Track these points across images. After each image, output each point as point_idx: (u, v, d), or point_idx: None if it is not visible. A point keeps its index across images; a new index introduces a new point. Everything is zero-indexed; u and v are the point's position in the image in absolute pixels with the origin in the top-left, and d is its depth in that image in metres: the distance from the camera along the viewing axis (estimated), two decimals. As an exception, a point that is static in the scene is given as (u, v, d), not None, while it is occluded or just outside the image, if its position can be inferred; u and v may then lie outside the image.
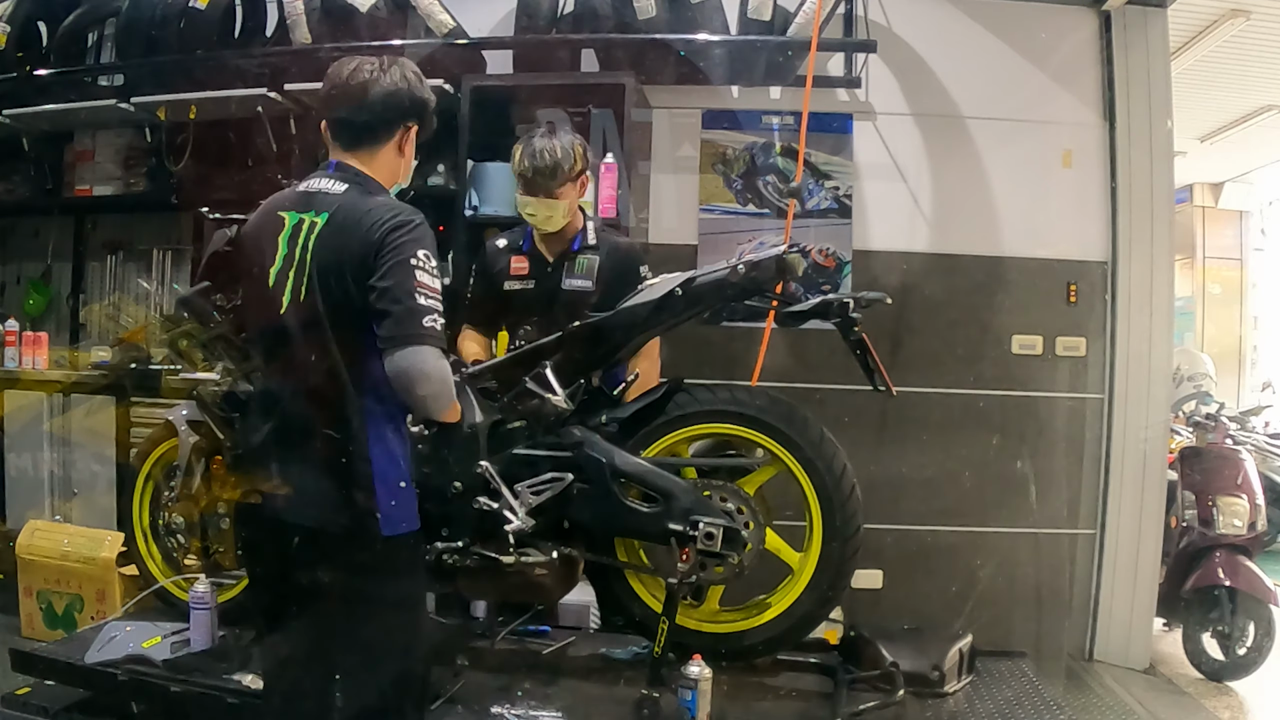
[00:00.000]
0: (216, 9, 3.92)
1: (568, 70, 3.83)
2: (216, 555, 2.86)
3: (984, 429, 3.83)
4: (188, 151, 4.18)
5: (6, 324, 4.29)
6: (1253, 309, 8.63)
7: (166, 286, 4.40)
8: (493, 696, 2.37)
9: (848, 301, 2.29)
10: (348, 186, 1.88)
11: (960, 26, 3.90)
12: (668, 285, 2.40)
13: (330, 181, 1.90)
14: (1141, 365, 3.84)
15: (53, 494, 4.19)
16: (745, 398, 2.46)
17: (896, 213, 3.92)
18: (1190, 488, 4.14)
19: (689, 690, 2.21)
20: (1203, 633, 3.94)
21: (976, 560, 3.81)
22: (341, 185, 1.88)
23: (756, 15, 3.67)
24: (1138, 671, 3.80)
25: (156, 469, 2.95)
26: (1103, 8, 3.87)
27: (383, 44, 3.74)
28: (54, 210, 4.59)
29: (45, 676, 2.66)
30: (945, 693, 2.49)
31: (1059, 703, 2.52)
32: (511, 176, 3.75)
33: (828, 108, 3.88)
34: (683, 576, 2.33)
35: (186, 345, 2.75)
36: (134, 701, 2.61)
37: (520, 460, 2.42)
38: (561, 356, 2.44)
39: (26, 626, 3.72)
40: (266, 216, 1.93)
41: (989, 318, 3.86)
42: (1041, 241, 3.88)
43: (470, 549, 2.39)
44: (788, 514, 2.49)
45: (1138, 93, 3.85)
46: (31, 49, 4.25)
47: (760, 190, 3.97)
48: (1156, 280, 3.86)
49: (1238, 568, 3.92)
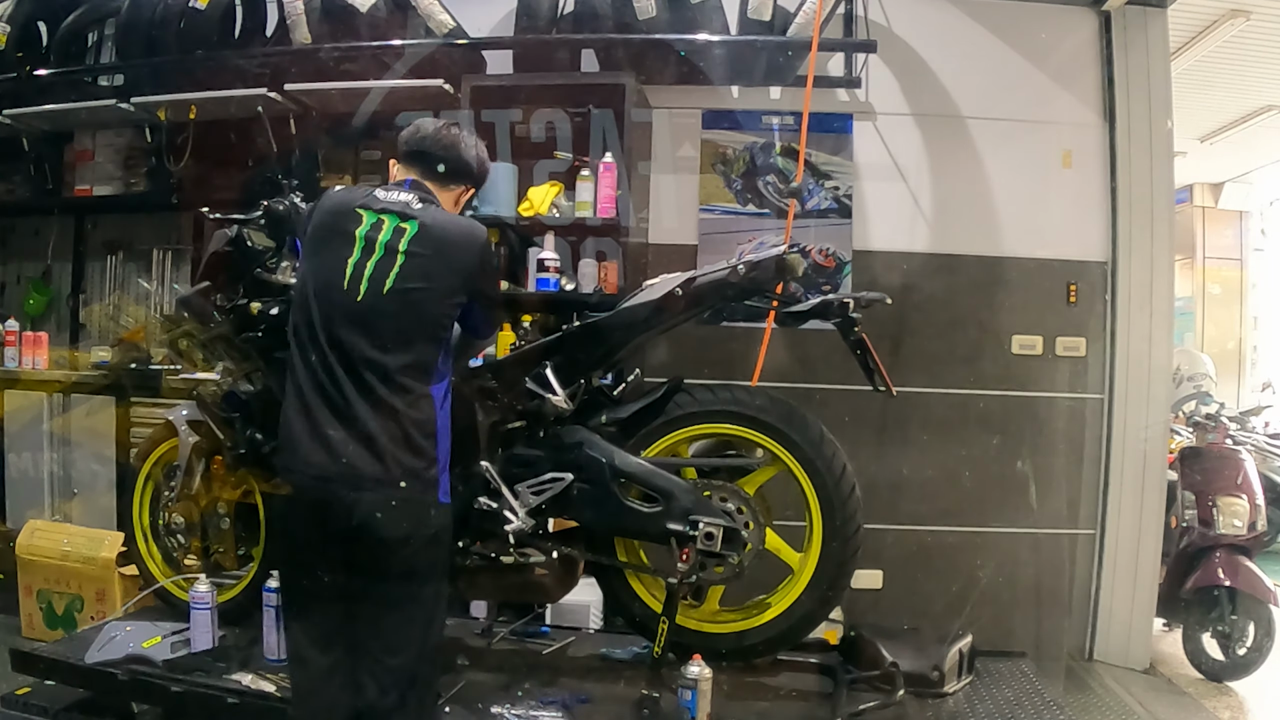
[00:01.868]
0: (216, 9, 3.92)
1: (568, 70, 3.83)
2: (216, 555, 2.86)
3: (984, 429, 3.84)
4: (188, 151, 4.18)
5: (6, 324, 4.30)
6: (1253, 309, 8.62)
7: (166, 286, 4.40)
8: (493, 696, 2.37)
9: (848, 301, 2.30)
10: (425, 204, 2.16)
11: (960, 26, 3.90)
12: (668, 285, 2.40)
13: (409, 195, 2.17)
14: (1141, 365, 3.84)
15: (53, 494, 4.19)
16: (745, 398, 2.46)
17: (896, 213, 3.92)
18: (1190, 488, 4.14)
19: (689, 690, 2.20)
20: (1203, 633, 3.94)
21: (976, 560, 3.80)
22: (420, 203, 2.16)
23: (756, 15, 3.66)
24: (1138, 671, 3.80)
25: (156, 469, 2.96)
26: (1103, 8, 3.87)
27: (383, 44, 3.75)
28: (54, 210, 4.59)
29: (45, 676, 2.67)
30: (945, 693, 2.49)
31: (1059, 703, 2.52)
32: (511, 176, 3.79)
33: (828, 108, 3.88)
34: (683, 576, 2.33)
35: (186, 345, 2.76)
36: (134, 701, 2.62)
37: (520, 460, 2.42)
38: (561, 356, 2.44)
39: (26, 626, 3.73)
40: (339, 211, 2.14)
41: (989, 318, 3.86)
42: (1041, 241, 3.88)
43: (470, 549, 2.40)
44: (788, 514, 2.49)
45: (1138, 93, 3.85)
46: (31, 49, 4.26)
47: (760, 190, 3.96)
48: (1156, 280, 3.86)
49: (1238, 568, 3.92)
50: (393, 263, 2.06)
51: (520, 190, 3.76)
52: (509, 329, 3.68)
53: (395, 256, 2.07)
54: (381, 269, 2.06)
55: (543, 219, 3.66)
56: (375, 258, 2.07)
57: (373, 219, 2.10)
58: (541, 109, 3.72)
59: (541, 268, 3.65)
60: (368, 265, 2.06)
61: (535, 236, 3.73)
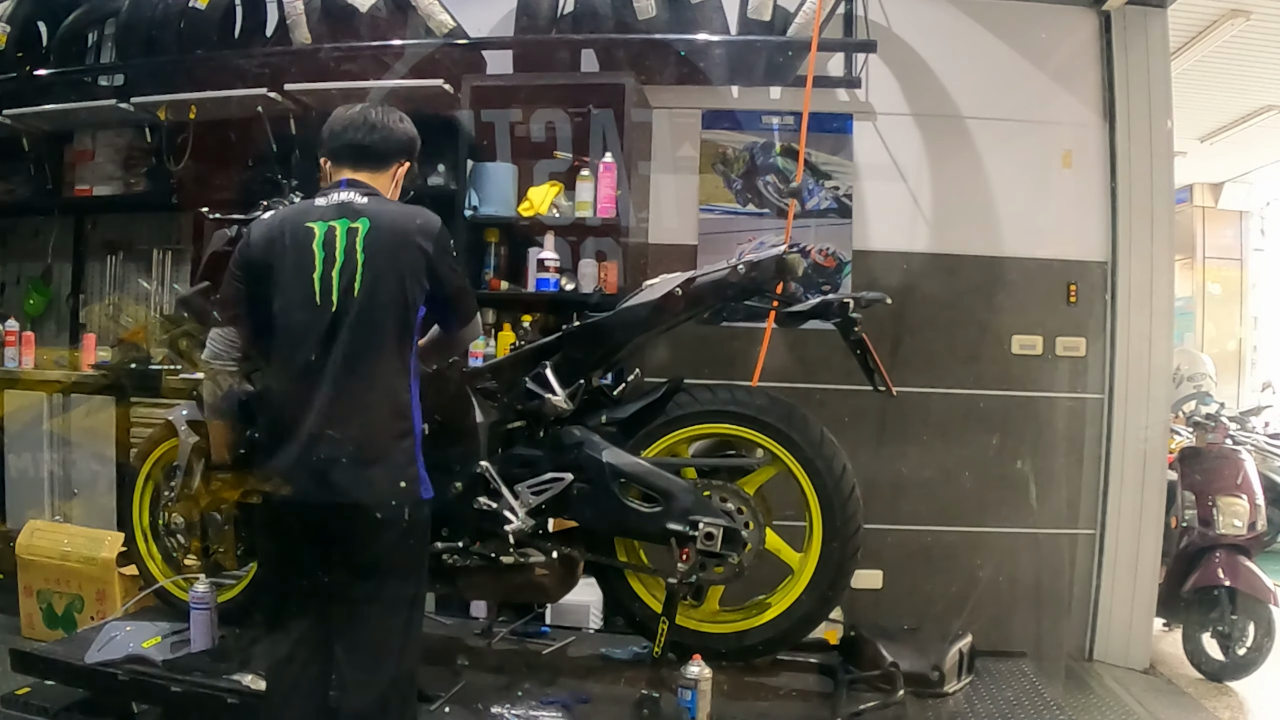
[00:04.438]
0: (216, 9, 3.92)
1: (568, 70, 3.82)
2: (216, 555, 2.86)
3: (984, 429, 3.83)
4: (188, 151, 4.17)
5: (6, 324, 4.29)
6: (1253, 309, 8.62)
7: (166, 286, 4.40)
8: (493, 696, 2.37)
9: (848, 302, 2.30)
10: (368, 198, 2.13)
11: (960, 26, 3.90)
12: (668, 285, 2.40)
13: (350, 194, 2.13)
14: (1141, 365, 3.83)
15: (53, 494, 4.18)
16: (745, 398, 2.46)
17: (896, 213, 3.92)
18: (1190, 488, 4.14)
19: (689, 690, 2.21)
20: (1203, 633, 3.94)
21: (976, 560, 3.80)
22: (363, 197, 2.13)
23: (756, 15, 3.66)
24: (1138, 671, 3.80)
25: (156, 469, 2.95)
26: (1103, 8, 3.87)
27: (383, 44, 3.75)
28: (54, 210, 4.58)
29: (45, 676, 2.66)
30: (945, 693, 2.49)
31: (1059, 703, 2.52)
32: (511, 176, 3.79)
33: (828, 108, 3.88)
34: (683, 576, 2.33)
35: (186, 345, 2.75)
36: (134, 701, 2.61)
37: (520, 460, 2.42)
38: (561, 356, 2.44)
39: (26, 626, 3.73)
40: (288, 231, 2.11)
41: (989, 318, 3.86)
42: (1041, 241, 3.88)
43: (470, 549, 2.40)
44: (788, 514, 2.49)
45: (1138, 93, 3.85)
46: (31, 49, 4.25)
47: (760, 190, 3.96)
48: (1156, 280, 3.85)
49: (1238, 568, 3.92)
50: (355, 265, 2.05)
51: (520, 190, 3.76)
52: (509, 329, 3.70)
53: (356, 257, 2.06)
54: (347, 274, 2.05)
55: (543, 219, 3.66)
56: (338, 265, 2.05)
57: (324, 228, 2.08)
58: (541, 109, 3.72)
59: (541, 268, 3.66)
60: (334, 275, 2.05)
61: (535, 236, 3.74)
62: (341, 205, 2.11)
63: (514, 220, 3.73)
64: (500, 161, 3.77)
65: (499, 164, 3.76)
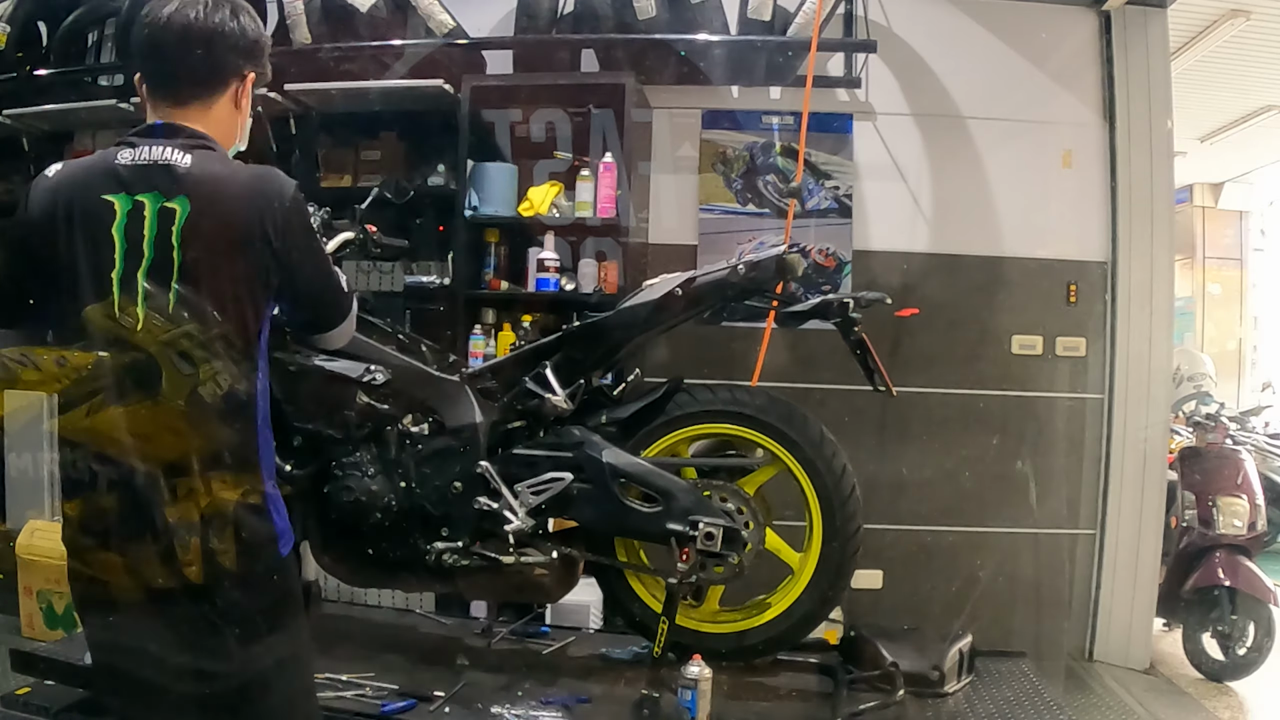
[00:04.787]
0: (217, 9, 3.92)
1: (568, 70, 3.83)
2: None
3: (984, 429, 3.83)
4: (187, 151, 4.16)
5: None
6: (1253, 309, 8.63)
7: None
8: (493, 696, 2.37)
9: (848, 302, 2.29)
10: (193, 155, 1.52)
11: (960, 26, 3.90)
12: (668, 285, 2.40)
13: (168, 149, 1.51)
14: (1141, 365, 3.84)
15: (53, 494, 4.18)
16: (745, 398, 2.45)
17: (896, 213, 3.92)
18: (1190, 488, 4.14)
19: (689, 690, 2.20)
20: (1203, 633, 3.94)
21: (976, 560, 3.81)
22: (185, 154, 1.51)
23: (756, 15, 3.67)
24: (1138, 671, 3.80)
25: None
26: (1103, 8, 3.87)
27: (383, 44, 3.75)
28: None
29: (45, 676, 2.65)
30: (945, 693, 2.48)
31: (1059, 703, 2.51)
32: (511, 176, 3.79)
33: (828, 108, 3.88)
34: (683, 576, 2.33)
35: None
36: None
37: (520, 460, 2.42)
38: (561, 356, 2.44)
39: (26, 626, 3.72)
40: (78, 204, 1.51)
41: (989, 318, 3.86)
42: (1041, 241, 3.88)
43: (470, 549, 2.40)
44: (788, 514, 2.48)
45: (1138, 93, 3.85)
46: (31, 49, 4.25)
47: (760, 190, 3.96)
48: (1156, 280, 3.86)
49: (1238, 568, 3.92)
50: (170, 266, 1.48)
51: (520, 190, 3.76)
52: (509, 329, 3.70)
53: (170, 255, 1.48)
54: (158, 279, 1.48)
55: (543, 219, 3.66)
56: (145, 264, 1.48)
57: (128, 205, 1.48)
58: (541, 109, 3.73)
59: (541, 268, 3.66)
60: (139, 280, 1.48)
61: (535, 236, 3.74)
62: (154, 168, 1.50)
63: (514, 220, 3.74)
64: (500, 161, 3.78)
65: (499, 164, 3.77)
